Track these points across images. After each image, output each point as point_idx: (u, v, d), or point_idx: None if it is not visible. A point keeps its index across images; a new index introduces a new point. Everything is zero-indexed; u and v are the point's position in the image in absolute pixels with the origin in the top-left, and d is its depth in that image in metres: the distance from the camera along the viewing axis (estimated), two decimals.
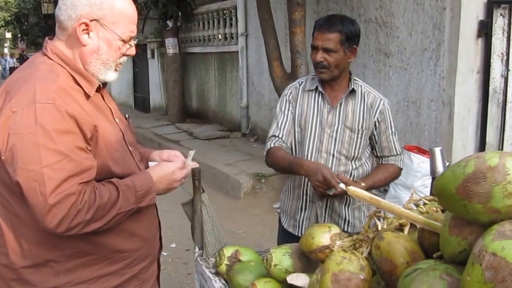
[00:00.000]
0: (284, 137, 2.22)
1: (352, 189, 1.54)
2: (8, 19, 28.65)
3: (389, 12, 5.14)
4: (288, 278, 1.46)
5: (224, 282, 1.71)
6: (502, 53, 4.15)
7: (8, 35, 36.65)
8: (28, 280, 1.47)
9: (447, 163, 2.12)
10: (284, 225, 2.33)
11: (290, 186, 2.30)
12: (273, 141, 2.22)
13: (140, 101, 12.61)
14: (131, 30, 1.52)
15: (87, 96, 1.48)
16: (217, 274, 1.76)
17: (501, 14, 4.10)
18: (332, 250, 1.43)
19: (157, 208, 1.74)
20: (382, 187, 4.09)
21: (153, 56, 11.27)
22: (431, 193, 1.81)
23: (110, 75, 1.54)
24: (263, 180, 5.94)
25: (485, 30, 4.10)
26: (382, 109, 2.22)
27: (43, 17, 18.58)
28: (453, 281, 0.99)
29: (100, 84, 1.54)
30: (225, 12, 8.85)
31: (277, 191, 5.37)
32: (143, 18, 10.70)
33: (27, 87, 1.38)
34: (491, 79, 4.16)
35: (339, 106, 2.19)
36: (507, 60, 4.15)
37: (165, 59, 10.23)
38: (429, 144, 4.46)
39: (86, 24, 1.45)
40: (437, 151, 1.97)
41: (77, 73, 1.48)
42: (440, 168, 1.96)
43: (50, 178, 1.31)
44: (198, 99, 10.19)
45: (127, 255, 1.57)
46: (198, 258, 1.91)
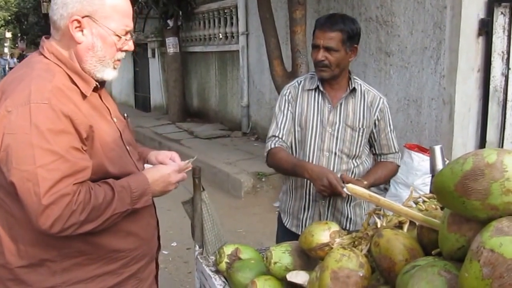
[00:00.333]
0: (284, 137, 2.22)
1: (352, 187, 1.54)
2: (8, 19, 28.57)
3: (390, 11, 5.14)
4: (288, 276, 1.46)
5: (224, 280, 1.71)
6: (503, 52, 4.14)
7: (8, 35, 36.61)
8: (24, 280, 1.46)
9: (447, 161, 2.12)
10: (287, 225, 2.33)
11: (292, 186, 2.30)
12: (274, 141, 2.22)
13: (141, 101, 12.62)
14: (126, 24, 1.49)
15: (84, 96, 1.46)
16: (217, 272, 1.77)
17: (502, 13, 4.10)
18: (332, 248, 1.44)
19: (156, 207, 1.73)
20: (382, 185, 4.09)
21: (154, 56, 11.27)
22: (431, 191, 1.81)
23: (108, 73, 1.52)
24: (264, 179, 5.95)
25: (486, 29, 4.09)
26: (382, 107, 2.23)
27: (43, 17, 18.55)
28: (452, 278, 0.99)
29: (98, 84, 1.52)
30: (226, 11, 8.85)
31: (278, 190, 5.37)
32: (144, 18, 10.72)
33: (22, 87, 1.37)
34: (492, 78, 4.16)
35: (340, 105, 2.19)
36: (508, 59, 4.14)
37: (166, 58, 10.22)
38: (430, 143, 4.47)
39: (78, 21, 1.43)
40: (437, 149, 1.96)
41: (74, 73, 1.46)
42: (440, 166, 1.95)
43: (44, 179, 1.30)
44: (199, 98, 10.19)
45: (124, 255, 1.56)
46: (198, 256, 1.92)
